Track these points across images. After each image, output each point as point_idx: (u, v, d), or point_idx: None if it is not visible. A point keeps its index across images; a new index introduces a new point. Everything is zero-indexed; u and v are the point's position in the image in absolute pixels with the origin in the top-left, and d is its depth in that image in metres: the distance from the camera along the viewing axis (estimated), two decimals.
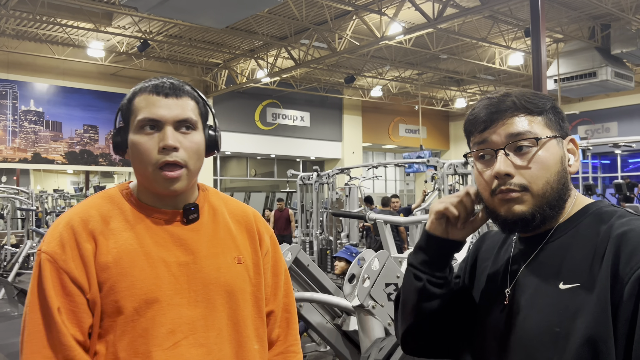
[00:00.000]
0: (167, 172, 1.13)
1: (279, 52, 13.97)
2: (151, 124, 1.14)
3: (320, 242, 10.18)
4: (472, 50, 14.42)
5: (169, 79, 1.19)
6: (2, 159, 13.32)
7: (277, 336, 1.29)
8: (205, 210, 1.23)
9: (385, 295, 2.69)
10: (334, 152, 19.28)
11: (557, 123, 1.01)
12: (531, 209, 0.97)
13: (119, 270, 1.11)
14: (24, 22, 11.79)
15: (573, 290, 0.91)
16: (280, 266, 1.32)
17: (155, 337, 1.10)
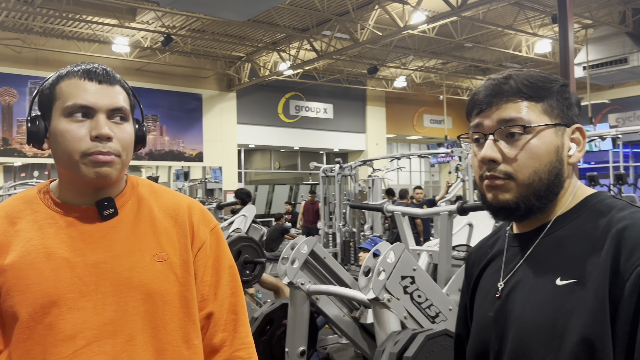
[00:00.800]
0: (99, 156, 1.04)
1: (301, 44, 13.93)
2: (82, 111, 1.05)
3: (344, 235, 10.16)
4: (498, 38, 14.15)
5: (100, 65, 1.11)
6: (33, 155, 13.62)
7: (222, 341, 1.15)
8: (129, 205, 1.13)
9: (401, 288, 2.65)
10: (357, 144, 19.20)
11: (561, 110, 0.95)
12: (515, 198, 0.94)
13: (15, 273, 1.03)
14: (50, 19, 11.99)
15: (570, 286, 0.87)
16: (222, 262, 1.18)
17: (52, 344, 1.01)
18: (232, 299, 1.18)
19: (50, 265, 1.04)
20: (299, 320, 3.11)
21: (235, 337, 1.16)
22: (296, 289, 3.08)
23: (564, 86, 0.97)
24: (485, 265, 1.08)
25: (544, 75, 0.97)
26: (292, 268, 3.06)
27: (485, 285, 1.06)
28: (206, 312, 1.14)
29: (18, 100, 13.37)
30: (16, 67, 13.22)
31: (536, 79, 0.96)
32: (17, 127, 13.39)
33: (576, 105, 0.98)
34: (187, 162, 15.84)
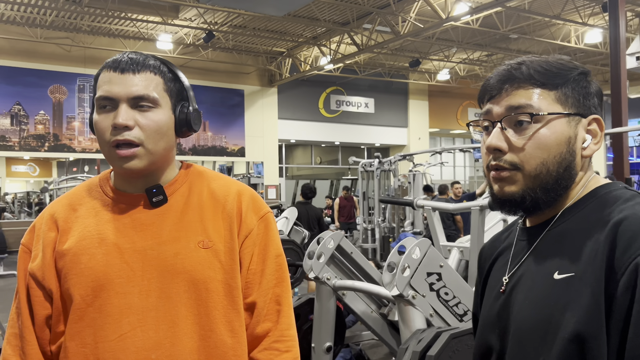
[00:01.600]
0: (119, 150, 1.06)
1: (341, 38, 13.86)
2: (107, 103, 1.07)
3: (382, 230, 10.06)
4: (545, 28, 13.69)
5: (132, 53, 1.11)
6: (81, 150, 14.09)
7: (265, 330, 1.14)
8: (179, 192, 1.14)
9: (427, 285, 2.58)
10: (399, 139, 18.99)
11: (576, 99, 0.89)
12: (521, 191, 0.88)
13: (72, 258, 1.08)
14: (97, 18, 12.35)
15: (567, 280, 0.82)
16: (269, 251, 1.16)
17: (101, 327, 1.05)
18: (277, 289, 1.16)
19: (101, 251, 1.08)
20: (324, 316, 3.07)
21: (276, 328, 1.14)
22: (322, 284, 3.04)
23: (583, 74, 0.91)
24: (495, 259, 1.04)
25: (561, 62, 0.91)
26: (318, 263, 3.03)
27: (493, 279, 1.02)
28: (250, 300, 1.13)
29: (68, 98, 13.84)
30: (66, 65, 13.69)
31: (551, 65, 0.90)
32: (67, 123, 13.88)
33: (596, 95, 0.91)
34: (230, 157, 16.05)
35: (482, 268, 1.07)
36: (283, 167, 17.61)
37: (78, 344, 1.06)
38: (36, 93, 13.39)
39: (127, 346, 1.04)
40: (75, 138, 13.96)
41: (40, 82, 13.42)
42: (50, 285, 1.09)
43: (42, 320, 1.10)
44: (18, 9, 11.81)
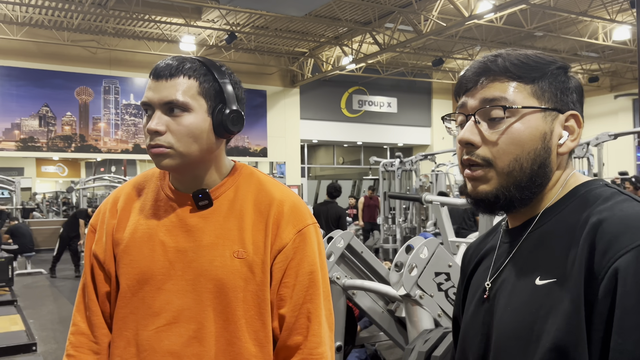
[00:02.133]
0: (152, 149, 1.11)
1: (363, 37, 13.81)
2: (146, 109, 1.13)
3: (404, 230, 9.98)
4: (572, 25, 13.41)
5: (172, 58, 1.14)
6: (107, 150, 14.34)
7: (297, 343, 1.14)
8: (225, 196, 1.17)
9: (435, 285, 2.54)
10: (422, 138, 18.83)
11: (553, 94, 0.86)
12: (495, 190, 0.85)
13: (123, 248, 1.16)
14: (122, 20, 12.55)
15: (548, 286, 0.78)
16: (303, 267, 1.15)
17: (143, 317, 1.12)
18: (309, 305, 1.14)
19: (149, 246, 1.14)
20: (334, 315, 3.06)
21: (305, 346, 1.14)
22: (332, 284, 3.03)
23: (561, 69, 0.88)
24: (478, 261, 1.01)
25: (539, 56, 0.88)
26: (328, 262, 3.02)
27: (475, 283, 0.98)
28: (281, 312, 1.15)
29: (94, 99, 14.10)
30: (92, 67, 13.95)
31: (529, 58, 0.87)
32: (93, 124, 14.13)
33: (575, 91, 0.88)
34: (252, 157, 16.14)
35: (465, 270, 1.04)
36: (305, 167, 17.62)
37: (122, 327, 1.15)
38: (63, 95, 13.68)
39: (161, 339, 1.11)
40: (101, 139, 14.20)
41: (67, 84, 13.70)
42: (109, 267, 1.19)
43: (103, 295, 1.21)
44: (46, 13, 12.08)
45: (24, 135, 13.28)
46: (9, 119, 13.12)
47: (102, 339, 1.20)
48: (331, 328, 1.20)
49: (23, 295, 7.79)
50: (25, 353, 5.11)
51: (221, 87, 1.14)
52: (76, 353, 1.20)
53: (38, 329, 5.95)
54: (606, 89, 18.29)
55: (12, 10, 11.87)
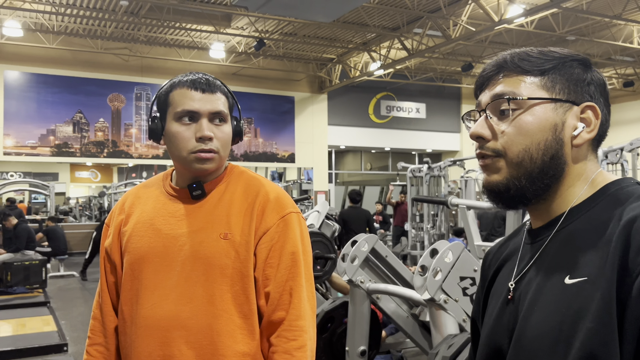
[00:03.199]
0: (201, 153, 1.27)
1: (391, 43, 13.78)
2: (189, 116, 1.27)
3: (432, 237, 9.88)
4: (605, 29, 13.12)
5: (203, 74, 1.32)
6: (138, 156, 14.60)
7: (280, 318, 1.26)
8: (218, 189, 1.33)
9: (460, 290, 2.51)
10: (452, 144, 18.65)
11: (565, 85, 0.85)
12: (505, 180, 0.86)
13: (128, 238, 1.33)
14: (153, 28, 12.80)
15: (578, 285, 0.76)
16: (286, 248, 1.29)
17: (141, 296, 1.28)
18: (291, 282, 1.27)
19: (148, 234, 1.30)
20: (359, 319, 3.04)
21: (287, 318, 1.26)
22: (356, 287, 3.01)
23: (576, 61, 0.87)
24: (500, 264, 0.99)
25: (553, 50, 0.89)
26: (352, 266, 3.01)
27: (498, 286, 0.96)
28: (266, 290, 1.27)
29: (126, 106, 14.39)
30: (124, 74, 14.24)
31: (541, 53, 0.88)
32: (125, 130, 14.42)
33: (593, 83, 0.87)
34: (280, 163, 16.22)
35: (486, 274, 1.02)
36: (333, 173, 17.62)
37: (129, 308, 1.30)
38: (96, 101, 13.99)
39: (155, 314, 1.25)
40: (132, 144, 14.48)
41: (100, 91, 14.02)
42: (115, 258, 1.36)
43: (112, 285, 1.38)
44: (81, 22, 12.40)
45: (59, 141, 13.63)
46: (45, 125, 13.48)
47: (108, 324, 1.37)
48: (313, 309, 1.32)
49: (55, 297, 7.97)
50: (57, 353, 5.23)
51: (234, 102, 1.37)
52: (92, 335, 1.39)
53: (69, 329, 6.07)
54: None
55: (49, 20, 12.23)
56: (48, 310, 7.01)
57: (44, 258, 8.55)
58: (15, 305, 7.20)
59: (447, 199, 3.57)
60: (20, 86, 13.25)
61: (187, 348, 1.23)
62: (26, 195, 17.40)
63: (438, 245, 2.58)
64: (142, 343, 1.26)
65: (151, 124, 1.33)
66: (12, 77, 13.18)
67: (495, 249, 1.04)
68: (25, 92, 13.28)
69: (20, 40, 12.70)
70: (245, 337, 1.25)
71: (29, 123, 13.30)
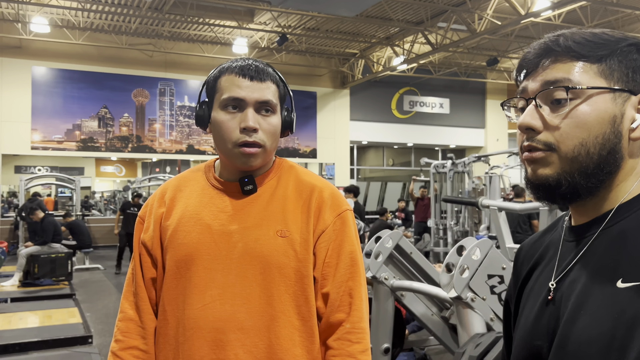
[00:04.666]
0: (245, 147, 1.19)
1: (415, 37, 13.64)
2: (234, 104, 1.20)
3: (455, 234, 9.77)
4: (636, 22, 12.81)
5: (254, 61, 1.24)
6: (162, 151, 14.73)
7: (339, 321, 1.20)
8: (269, 184, 1.26)
9: (488, 288, 2.45)
10: (476, 140, 18.41)
11: (624, 73, 0.78)
12: (556, 174, 0.78)
13: (172, 233, 1.24)
14: (177, 24, 12.87)
15: (634, 290, 0.71)
16: (344, 247, 1.23)
17: (189, 296, 1.19)
18: (350, 282, 1.22)
19: (196, 229, 1.22)
20: (382, 316, 3.00)
21: (348, 320, 1.20)
22: (380, 284, 2.97)
23: (634, 46, 0.80)
24: (536, 262, 0.93)
25: (606, 33, 0.81)
26: (376, 262, 2.96)
27: (536, 285, 0.91)
28: (325, 291, 1.21)
29: (150, 101, 14.52)
30: (148, 69, 14.37)
31: (595, 35, 0.80)
32: (149, 125, 14.55)
33: None
34: (302, 158, 16.21)
35: (520, 271, 0.97)
36: (354, 169, 17.55)
37: (173, 308, 1.21)
38: (121, 97, 14.15)
39: (207, 315, 1.17)
40: (156, 139, 14.61)
41: (125, 86, 14.17)
42: (156, 254, 1.27)
43: (149, 281, 1.28)
44: (106, 18, 12.54)
45: (84, 136, 13.82)
46: (71, 120, 13.68)
47: (148, 323, 1.27)
48: (366, 308, 1.25)
49: (81, 290, 8.08)
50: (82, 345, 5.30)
51: (287, 93, 1.30)
52: (124, 338, 1.26)
53: (94, 322, 6.15)
54: None
55: (75, 16, 12.38)
56: (73, 302, 7.11)
57: (69, 251, 8.68)
58: (41, 297, 7.32)
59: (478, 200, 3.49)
60: (47, 82, 13.46)
61: (243, 352, 1.16)
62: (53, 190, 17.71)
63: (465, 242, 2.52)
64: (192, 346, 1.17)
65: (198, 109, 1.26)
66: (39, 73, 13.40)
67: (530, 245, 0.98)
68: (51, 88, 13.49)
69: (47, 37, 12.90)
70: (305, 341, 1.19)
71: (56, 118, 13.51)
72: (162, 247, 1.27)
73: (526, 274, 0.94)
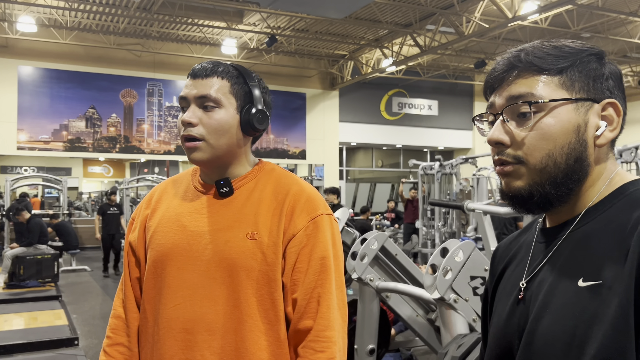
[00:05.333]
0: (186, 142, 1.23)
1: (404, 39, 13.70)
2: (182, 104, 1.25)
3: (443, 235, 9.83)
4: (621, 26, 12.96)
5: (207, 62, 1.27)
6: (150, 151, 14.67)
7: (307, 327, 1.18)
8: (246, 187, 1.26)
9: (470, 289, 2.48)
10: (464, 142, 18.52)
11: (585, 83, 0.81)
12: (528, 186, 0.82)
13: (153, 233, 1.27)
14: (166, 24, 12.83)
15: (593, 289, 0.74)
16: (315, 252, 1.20)
17: (164, 295, 1.22)
18: (319, 289, 1.19)
19: (173, 230, 1.25)
20: (367, 318, 3.02)
21: (314, 328, 1.18)
22: (365, 285, 2.99)
23: (593, 55, 0.83)
24: (510, 261, 0.97)
25: (566, 45, 0.84)
26: (361, 264, 2.99)
27: (508, 283, 0.94)
28: (293, 297, 1.20)
29: (138, 101, 14.46)
30: (136, 70, 14.31)
31: (555, 48, 0.83)
32: (137, 125, 14.48)
33: (611, 77, 0.83)
34: (291, 159, 16.22)
35: (495, 270, 1.00)
36: (344, 170, 17.59)
37: (151, 307, 1.24)
38: (109, 97, 14.07)
39: (178, 315, 1.19)
40: (145, 140, 14.55)
41: (113, 86, 14.10)
42: (140, 254, 1.30)
43: (135, 281, 1.31)
44: (94, 17, 12.46)
45: (71, 136, 13.73)
46: (58, 120, 13.59)
47: (132, 322, 1.30)
48: (344, 318, 1.22)
49: (67, 291, 8.03)
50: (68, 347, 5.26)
51: (250, 90, 1.26)
52: (113, 335, 1.31)
53: (80, 324, 6.12)
54: None
55: (62, 15, 12.30)
56: (60, 304, 7.07)
57: (56, 252, 8.62)
58: (27, 299, 7.27)
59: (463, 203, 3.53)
60: (33, 81, 13.35)
61: (209, 353, 1.16)
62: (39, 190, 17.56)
63: (448, 244, 2.55)
64: (164, 346, 1.19)
65: None
66: (26, 72, 13.29)
67: (506, 245, 1.01)
68: (38, 88, 13.39)
69: (34, 36, 12.80)
70: (271, 345, 1.18)
71: (42, 118, 13.41)
72: (145, 247, 1.30)
73: (500, 273, 0.97)
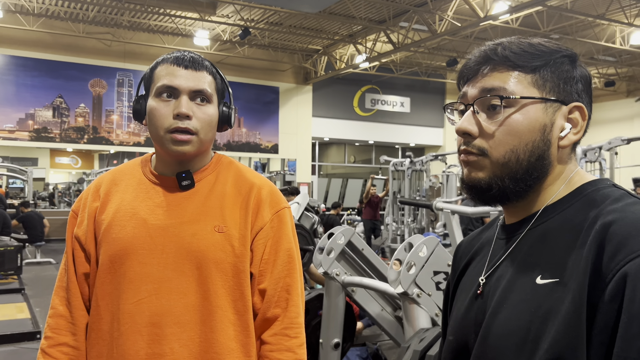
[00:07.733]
0: (176, 134, 1.19)
1: (377, 36, 13.77)
2: (169, 92, 1.20)
3: (412, 231, 9.93)
4: (589, 29, 13.25)
5: (190, 52, 1.25)
6: (119, 143, 14.43)
7: (275, 316, 1.23)
8: (207, 179, 1.27)
9: (433, 284, 2.51)
10: (435, 139, 18.73)
11: (555, 84, 0.83)
12: (488, 178, 0.84)
13: (106, 227, 1.23)
14: (137, 14, 12.61)
15: (549, 286, 0.76)
16: (281, 244, 1.26)
17: (124, 291, 1.19)
18: (287, 279, 1.24)
19: (131, 223, 1.22)
20: (333, 312, 3.04)
21: (285, 316, 1.23)
22: (331, 280, 3.01)
23: (566, 57, 0.85)
24: (472, 257, 0.98)
25: (542, 44, 0.85)
26: (328, 258, 3.00)
27: (468, 279, 0.96)
28: (262, 287, 1.23)
29: (107, 92, 14.19)
30: (106, 59, 14.04)
31: (531, 46, 0.85)
32: (106, 116, 14.23)
33: (581, 81, 0.85)
34: (263, 153, 16.16)
35: (457, 265, 1.02)
36: (316, 165, 17.61)
37: (108, 303, 1.21)
38: (77, 86, 13.78)
39: (142, 310, 1.17)
40: (114, 131, 14.30)
41: (82, 75, 13.80)
42: (89, 248, 1.25)
43: (82, 276, 1.27)
44: (62, 4, 12.17)
45: (38, 126, 13.40)
46: (23, 109, 13.24)
47: (79, 319, 1.26)
48: (302, 304, 1.29)
49: (31, 284, 7.85)
50: (30, 341, 5.16)
51: (225, 87, 1.30)
52: (54, 335, 1.25)
53: (43, 317, 5.99)
54: (622, 93, 18.07)
55: (29, 1, 11.98)
56: (22, 297, 6.91)
57: (19, 244, 8.42)
58: None
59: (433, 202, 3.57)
60: None
61: (179, 346, 1.16)
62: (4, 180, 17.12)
63: (413, 239, 2.58)
64: (127, 341, 1.17)
65: (135, 104, 1.26)
66: None
67: (468, 241, 1.03)
68: (3, 75, 13.02)
69: (0, 22, 12.44)
70: (239, 334, 1.21)
71: (7, 106, 13.05)
72: (96, 241, 1.25)
73: (463, 269, 0.99)
